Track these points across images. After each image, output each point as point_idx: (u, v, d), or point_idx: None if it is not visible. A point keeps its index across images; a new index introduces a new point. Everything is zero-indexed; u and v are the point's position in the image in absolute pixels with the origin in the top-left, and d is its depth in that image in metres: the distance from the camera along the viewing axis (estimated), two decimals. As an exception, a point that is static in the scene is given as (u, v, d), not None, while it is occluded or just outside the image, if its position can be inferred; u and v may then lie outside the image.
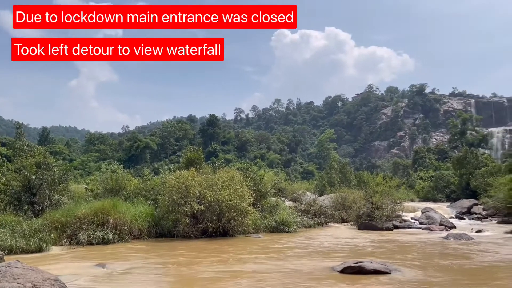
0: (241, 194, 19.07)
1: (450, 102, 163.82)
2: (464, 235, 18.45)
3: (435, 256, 13.45)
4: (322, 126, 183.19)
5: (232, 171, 22.01)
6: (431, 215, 27.01)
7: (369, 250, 15.33)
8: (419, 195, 56.57)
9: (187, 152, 28.69)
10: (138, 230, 17.63)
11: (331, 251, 14.84)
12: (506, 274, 10.49)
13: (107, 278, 10.14)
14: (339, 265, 10.76)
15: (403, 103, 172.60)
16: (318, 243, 17.13)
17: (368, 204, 25.25)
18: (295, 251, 14.69)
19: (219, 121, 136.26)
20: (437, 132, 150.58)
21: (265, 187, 23.70)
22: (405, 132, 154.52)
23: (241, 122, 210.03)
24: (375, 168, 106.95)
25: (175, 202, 18.00)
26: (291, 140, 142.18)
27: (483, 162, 52.81)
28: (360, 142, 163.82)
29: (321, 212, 26.27)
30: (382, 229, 23.06)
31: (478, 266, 11.51)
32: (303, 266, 11.59)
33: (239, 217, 18.62)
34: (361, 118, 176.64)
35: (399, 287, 8.91)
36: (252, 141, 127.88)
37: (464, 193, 47.74)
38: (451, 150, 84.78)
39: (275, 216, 21.61)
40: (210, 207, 18.36)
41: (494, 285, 9.16)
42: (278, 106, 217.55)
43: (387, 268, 10.39)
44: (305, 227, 23.36)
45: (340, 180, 44.71)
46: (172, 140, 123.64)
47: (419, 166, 76.06)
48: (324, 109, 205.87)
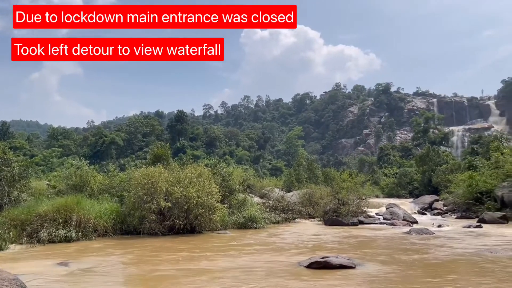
0: (209, 191, 18.98)
1: (414, 101, 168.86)
2: (426, 230, 19.08)
3: (397, 250, 13.85)
4: (290, 123, 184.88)
5: (200, 167, 21.84)
6: (395, 210, 27.78)
7: (335, 245, 15.60)
8: (383, 191, 58.05)
9: (154, 148, 28.25)
10: (103, 227, 17.23)
11: (298, 246, 15.00)
12: (463, 268, 10.94)
13: (69, 277, 9.85)
14: (306, 261, 10.89)
15: (369, 101, 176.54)
16: (285, 239, 17.29)
17: (335, 200, 25.68)
18: (262, 247, 14.77)
19: (187, 117, 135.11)
20: (402, 130, 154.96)
21: (234, 183, 23.69)
22: (371, 130, 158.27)
23: (210, 118, 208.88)
24: (342, 164, 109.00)
25: (141, 198, 17.70)
26: (260, 137, 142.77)
27: (444, 159, 54.77)
28: (327, 140, 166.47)
29: (288, 208, 26.52)
30: (348, 224, 23.52)
31: (438, 260, 11.94)
32: (270, 261, 11.67)
33: (207, 214, 18.52)
34: (329, 116, 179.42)
35: (363, 281, 9.11)
36: (221, 137, 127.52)
37: (426, 189, 49.35)
38: (414, 148, 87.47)
39: (243, 213, 21.63)
40: (178, 204, 18.17)
41: (451, 279, 9.51)
42: (247, 103, 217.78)
43: (352, 262, 10.61)
44: (273, 223, 23.53)
45: (308, 177, 45.25)
46: (139, 136, 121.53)
47: (384, 163, 78.11)
48: (292, 106, 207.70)
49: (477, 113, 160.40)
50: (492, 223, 23.55)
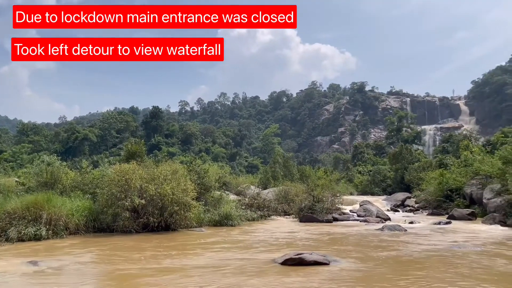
0: (185, 188, 18.81)
1: (388, 100, 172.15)
2: (398, 227, 19.47)
3: (370, 247, 14.08)
4: (267, 121, 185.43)
5: (176, 164, 21.64)
6: (368, 207, 28.24)
7: (309, 242, 15.74)
8: (357, 188, 58.99)
9: (128, 144, 27.79)
10: (75, 225, 16.83)
11: (273, 243, 15.06)
12: (433, 264, 11.20)
13: (38, 276, 9.58)
14: (281, 257, 10.94)
15: (344, 100, 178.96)
16: (260, 236, 17.33)
17: (310, 197, 25.90)
18: (237, 244, 14.76)
19: (163, 113, 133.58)
20: (376, 128, 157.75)
21: (209, 180, 23.56)
22: (346, 128, 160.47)
23: (186, 115, 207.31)
24: (317, 162, 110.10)
25: (114, 196, 17.38)
26: (237, 134, 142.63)
27: (416, 157, 56.06)
28: (303, 137, 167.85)
29: (264, 205, 26.60)
30: (323, 221, 23.77)
31: (409, 256, 12.21)
32: (244, 258, 11.67)
33: (182, 211, 18.36)
34: (305, 114, 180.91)
35: (336, 277, 9.22)
36: (197, 134, 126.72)
37: (399, 187, 50.43)
38: (388, 146, 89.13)
39: (219, 210, 21.55)
40: (152, 201, 17.94)
41: (422, 274, 9.74)
42: (224, 100, 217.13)
43: (326, 259, 10.71)
44: (249, 220, 23.53)
45: (284, 174, 45.49)
46: (113, 132, 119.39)
47: (358, 161, 79.30)
48: (269, 104, 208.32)
49: (448, 113, 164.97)
50: (461, 219, 24.26)
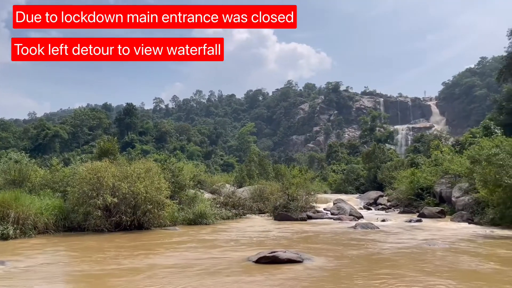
0: (158, 186, 18.61)
1: (362, 100, 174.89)
2: (370, 225, 19.82)
3: (343, 244, 14.28)
4: (243, 119, 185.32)
5: (149, 162, 21.35)
6: (342, 206, 28.62)
7: (284, 240, 15.83)
8: (332, 187, 59.67)
9: (101, 142, 27.25)
10: (44, 224, 16.40)
11: (247, 242, 15.06)
12: (403, 261, 11.45)
13: (6, 276, 9.27)
14: (254, 256, 10.95)
15: (319, 99, 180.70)
16: (235, 235, 17.31)
17: (285, 196, 26.05)
18: (211, 243, 14.70)
19: (136, 110, 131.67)
20: (350, 128, 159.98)
21: (184, 179, 23.38)
22: (321, 127, 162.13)
23: (161, 112, 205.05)
24: (292, 161, 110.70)
25: (86, 194, 17.02)
26: (212, 132, 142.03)
27: (389, 156, 57.20)
28: (279, 136, 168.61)
29: (239, 204, 26.61)
30: (297, 219, 23.96)
31: (381, 254, 12.44)
32: (218, 257, 11.63)
33: (156, 210, 18.16)
34: (281, 113, 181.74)
35: (309, 275, 9.30)
36: (171, 132, 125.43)
37: (372, 186, 51.31)
38: (361, 145, 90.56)
39: (193, 209, 21.42)
40: (125, 200, 17.66)
41: (392, 271, 9.93)
42: (199, 98, 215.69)
43: (299, 257, 10.79)
44: (224, 219, 23.50)
45: (259, 173, 45.58)
46: (85, 129, 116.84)
47: (332, 159, 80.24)
48: (245, 102, 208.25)
49: (420, 113, 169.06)
50: (431, 217, 24.92)
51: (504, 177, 18.46)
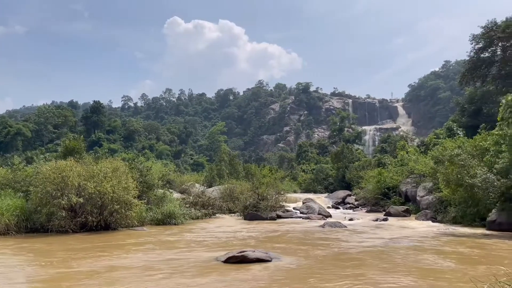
0: (126, 186, 18.25)
1: (331, 101, 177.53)
2: (338, 224, 20.14)
3: (312, 243, 14.43)
4: (213, 119, 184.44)
5: (117, 161, 20.91)
6: (311, 205, 28.96)
7: (253, 239, 15.84)
8: (301, 186, 60.19)
9: (66, 140, 26.54)
10: (5, 225, 15.84)
11: (217, 242, 14.99)
12: (369, 259, 11.68)
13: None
14: (223, 255, 10.91)
15: (290, 99, 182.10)
16: (204, 235, 17.19)
17: (255, 195, 26.11)
18: (179, 243, 14.54)
19: (104, 108, 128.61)
20: (319, 128, 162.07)
21: (152, 178, 23.07)
22: (291, 127, 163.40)
23: (129, 110, 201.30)
24: (263, 160, 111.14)
25: (50, 194, 16.50)
26: (182, 131, 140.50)
27: (357, 156, 58.25)
28: (249, 136, 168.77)
29: (209, 204, 26.46)
30: (267, 219, 24.06)
31: (348, 252, 12.66)
32: (186, 257, 11.51)
33: (123, 210, 17.81)
34: (251, 112, 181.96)
35: (277, 273, 9.34)
36: (140, 130, 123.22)
37: (340, 185, 52.12)
38: (330, 145, 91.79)
39: (161, 209, 21.14)
40: (91, 200, 17.23)
41: (358, 268, 10.12)
42: (169, 96, 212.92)
43: (268, 256, 10.83)
44: (193, 218, 23.32)
45: (229, 172, 45.46)
46: (49, 127, 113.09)
47: (302, 159, 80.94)
48: (216, 101, 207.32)
49: (387, 114, 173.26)
50: (397, 216, 25.56)
51: (465, 177, 19.15)
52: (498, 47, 39.10)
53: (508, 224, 15.95)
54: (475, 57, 39.95)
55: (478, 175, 18.19)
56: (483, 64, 40.06)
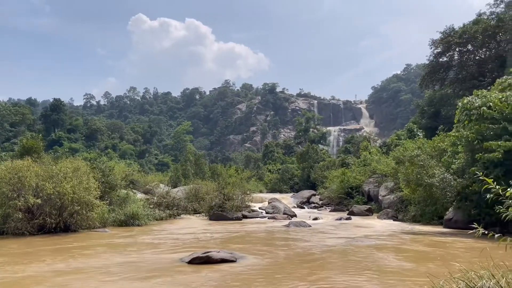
0: (87, 186, 17.73)
1: (297, 101, 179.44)
2: (303, 223, 20.39)
3: (277, 243, 14.53)
4: (179, 118, 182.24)
5: (78, 161, 20.30)
6: (276, 205, 29.16)
7: (218, 240, 15.77)
8: (267, 186, 60.55)
9: (23, 139, 25.53)
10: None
11: (181, 242, 14.82)
12: (332, 257, 11.90)
13: None
14: (188, 256, 10.79)
15: (256, 100, 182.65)
16: (169, 235, 16.95)
17: (220, 196, 26.01)
18: (143, 245, 14.27)
19: (65, 106, 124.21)
20: (285, 128, 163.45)
21: (115, 178, 22.55)
22: (257, 128, 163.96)
23: (92, 109, 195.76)
24: (229, 160, 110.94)
25: (5, 195, 15.81)
26: (147, 131, 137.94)
27: (322, 157, 59.22)
28: (216, 135, 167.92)
29: (174, 204, 26.13)
30: (232, 219, 24.03)
31: (311, 251, 12.82)
32: (150, 259, 11.30)
33: (84, 211, 17.28)
34: (218, 112, 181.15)
35: (241, 273, 9.34)
36: (103, 129, 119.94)
37: (306, 185, 52.82)
38: (296, 146, 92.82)
39: (124, 209, 20.70)
40: (50, 201, 16.62)
41: (321, 267, 10.27)
42: (133, 94, 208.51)
43: (233, 256, 10.81)
44: (157, 219, 22.98)
45: (195, 172, 45.15)
46: (5, 125, 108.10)
47: (268, 159, 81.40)
48: (181, 100, 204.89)
49: (351, 115, 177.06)
50: (359, 215, 26.16)
51: (424, 176, 19.86)
52: (455, 52, 40.71)
53: (464, 222, 16.62)
54: (434, 61, 41.44)
55: (436, 175, 18.90)
56: (441, 68, 41.63)
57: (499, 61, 35.93)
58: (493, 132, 16.31)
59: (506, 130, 15.98)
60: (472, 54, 40.83)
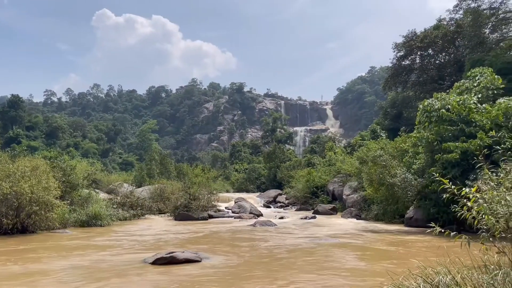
0: (47, 186, 17.08)
1: (264, 101, 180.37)
2: (269, 222, 20.49)
3: (242, 243, 14.52)
4: (144, 116, 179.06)
5: (37, 159, 19.56)
6: (243, 204, 29.18)
7: (184, 240, 15.60)
8: (234, 186, 60.54)
9: (-22, 136, 24.27)
10: None
11: (145, 243, 14.55)
12: (296, 256, 12.01)
13: None
14: (151, 257, 10.60)
15: (224, 99, 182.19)
16: (132, 236, 16.61)
17: (186, 195, 25.73)
18: (105, 245, 13.90)
19: (24, 102, 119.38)
20: (252, 128, 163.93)
21: (77, 178, 21.90)
22: (225, 127, 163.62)
23: (52, 106, 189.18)
24: (196, 160, 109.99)
25: (-43, 195, 15.00)
26: (111, 129, 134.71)
27: (288, 157, 59.76)
28: (182, 134, 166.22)
29: (138, 204, 25.65)
30: (198, 219, 23.84)
31: (277, 250, 12.91)
32: (112, 260, 11.03)
33: (43, 212, 16.65)
34: (184, 111, 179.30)
35: (205, 273, 9.28)
36: (64, 127, 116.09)
37: (272, 184, 53.14)
38: (263, 145, 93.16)
39: (86, 210, 20.13)
40: (6, 201, 15.90)
41: (286, 266, 10.36)
42: (97, 92, 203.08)
43: (198, 256, 10.71)
44: (121, 220, 22.51)
45: (160, 172, 44.45)
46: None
47: (235, 159, 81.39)
48: (147, 98, 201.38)
49: (317, 116, 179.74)
50: (324, 214, 26.58)
51: (387, 176, 20.41)
52: (417, 55, 42.07)
53: (424, 220, 17.19)
54: (397, 64, 42.66)
55: (398, 175, 19.46)
56: (404, 71, 42.90)
57: (457, 66, 37.39)
58: (451, 133, 16.97)
59: (463, 132, 16.67)
60: (433, 58, 42.34)
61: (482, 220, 4.52)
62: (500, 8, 33.15)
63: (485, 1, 33.80)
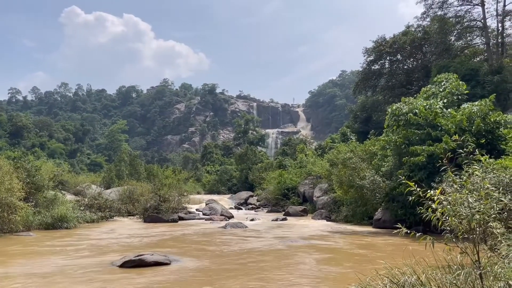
0: (10, 187, 16.51)
1: (236, 103, 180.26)
2: (240, 224, 20.46)
3: (213, 245, 14.44)
4: (114, 116, 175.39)
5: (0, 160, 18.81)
6: (214, 206, 29.02)
7: (153, 242, 15.37)
8: (205, 187, 60.12)
9: None
10: None
11: (113, 246, 14.24)
12: (267, 257, 12.05)
13: None
14: (119, 260, 10.39)
15: (196, 100, 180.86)
16: (100, 239, 16.22)
17: (156, 197, 25.37)
18: (71, 248, 13.50)
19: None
20: (224, 129, 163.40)
21: (42, 179, 21.19)
22: (196, 128, 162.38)
23: (17, 104, 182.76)
24: (166, 161, 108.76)
25: None
26: (79, 129, 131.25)
27: (260, 158, 59.91)
28: (153, 135, 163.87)
29: (106, 206, 25.13)
30: (168, 221, 23.54)
31: (247, 251, 12.90)
32: (78, 263, 10.72)
33: (5, 214, 16.09)
34: (155, 111, 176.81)
35: (174, 276, 9.17)
36: (30, 127, 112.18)
37: (244, 186, 53.09)
38: (235, 147, 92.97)
39: (52, 212, 19.53)
40: (-35, 203, 15.24)
41: (258, 267, 10.36)
42: (65, 91, 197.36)
43: (167, 259, 10.58)
44: (88, 222, 21.99)
45: (130, 173, 43.64)
46: None
47: (207, 160, 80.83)
48: (117, 98, 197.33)
49: (288, 118, 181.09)
50: (295, 215, 26.77)
51: (356, 178, 20.77)
52: (386, 60, 43.12)
53: (391, 221, 17.57)
54: (367, 68, 43.56)
55: (367, 177, 19.85)
56: (373, 76, 43.87)
57: (424, 71, 38.53)
58: (418, 137, 17.45)
59: (429, 136, 17.17)
60: (401, 63, 43.50)
61: (446, 221, 4.66)
62: (465, 16, 34.44)
63: (451, 9, 35.06)
